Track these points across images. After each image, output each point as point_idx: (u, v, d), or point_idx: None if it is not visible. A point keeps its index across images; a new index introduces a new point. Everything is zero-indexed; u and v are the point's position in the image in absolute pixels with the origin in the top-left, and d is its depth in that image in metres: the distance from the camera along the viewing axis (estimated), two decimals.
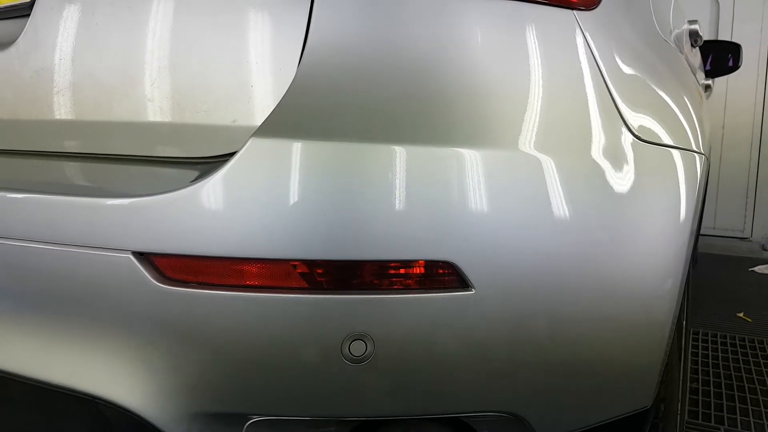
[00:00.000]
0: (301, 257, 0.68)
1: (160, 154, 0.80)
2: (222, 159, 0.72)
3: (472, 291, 0.71)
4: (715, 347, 2.33)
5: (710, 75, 2.73)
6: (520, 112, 0.75)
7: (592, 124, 0.78)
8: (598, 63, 0.80)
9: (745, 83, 4.45)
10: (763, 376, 2.07)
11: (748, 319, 2.68)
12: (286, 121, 0.71)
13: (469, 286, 0.71)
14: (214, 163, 0.72)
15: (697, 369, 2.12)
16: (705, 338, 2.42)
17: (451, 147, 0.71)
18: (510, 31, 0.76)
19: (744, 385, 1.99)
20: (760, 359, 2.22)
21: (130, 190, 0.73)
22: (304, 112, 0.71)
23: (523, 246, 0.72)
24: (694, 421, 1.76)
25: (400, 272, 0.70)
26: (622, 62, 0.85)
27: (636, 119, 0.83)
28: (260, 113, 0.72)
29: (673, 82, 1.06)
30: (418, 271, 0.70)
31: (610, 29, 0.85)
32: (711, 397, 1.91)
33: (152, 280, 0.71)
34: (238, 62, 0.74)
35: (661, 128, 0.89)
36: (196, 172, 0.74)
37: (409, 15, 0.73)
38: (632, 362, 0.85)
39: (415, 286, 0.70)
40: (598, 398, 0.84)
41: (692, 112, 1.11)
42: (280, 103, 0.71)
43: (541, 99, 0.76)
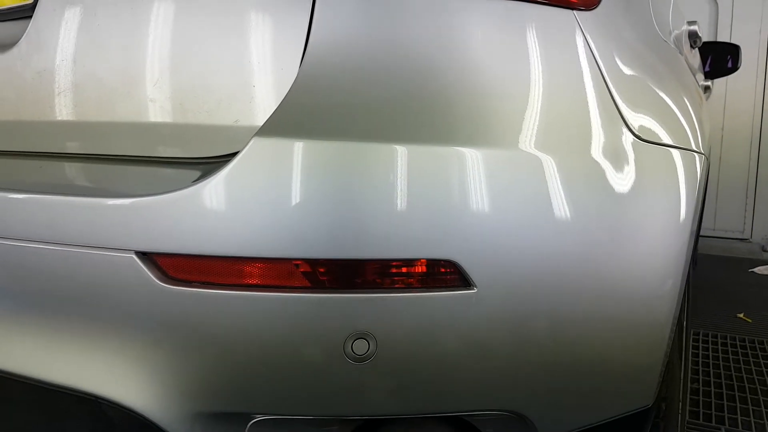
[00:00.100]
0: (304, 256, 0.69)
1: (163, 154, 0.80)
2: (224, 159, 0.72)
3: (473, 290, 0.71)
4: (715, 348, 2.33)
5: (709, 76, 2.74)
6: (521, 112, 0.75)
7: (593, 123, 0.79)
8: (598, 63, 0.80)
9: (744, 84, 4.46)
10: (764, 376, 2.07)
11: (749, 320, 2.68)
12: (288, 121, 0.71)
13: (470, 284, 0.71)
14: (216, 163, 0.72)
15: (698, 369, 2.12)
16: (705, 339, 2.42)
17: (452, 146, 0.72)
18: (511, 31, 0.76)
19: (744, 385, 1.99)
20: (761, 359, 2.22)
21: (132, 191, 0.73)
22: (306, 112, 0.71)
23: (524, 245, 0.72)
24: (695, 422, 1.76)
25: (402, 271, 0.70)
26: (622, 62, 0.85)
27: (636, 119, 0.84)
28: (262, 113, 0.72)
29: (673, 83, 1.06)
30: (420, 269, 0.70)
31: (610, 29, 0.85)
32: (712, 397, 1.91)
33: (155, 279, 0.71)
34: (239, 62, 0.74)
35: (662, 128, 0.89)
36: (198, 172, 0.74)
37: (410, 15, 0.73)
38: (633, 362, 0.85)
39: (417, 284, 0.71)
40: (600, 397, 0.84)
41: (692, 112, 1.12)
42: (282, 103, 0.71)
43: (541, 99, 0.76)
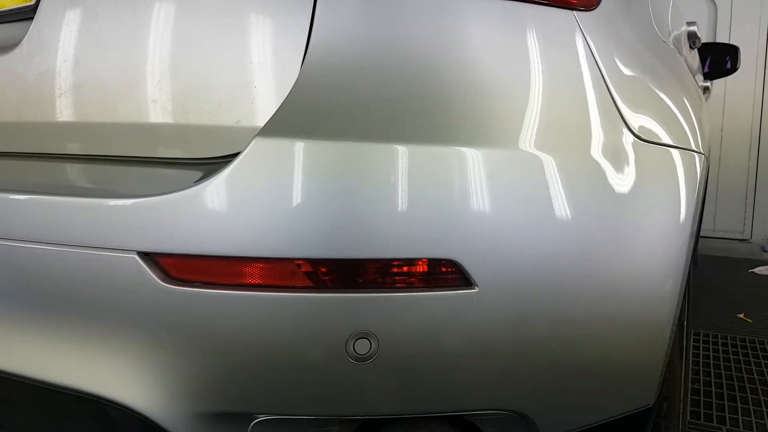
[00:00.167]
0: (306, 256, 0.69)
1: (164, 155, 0.81)
2: (226, 159, 0.72)
3: (475, 289, 0.71)
4: (716, 348, 2.33)
5: (709, 77, 2.75)
6: (522, 112, 0.75)
7: (593, 123, 0.79)
8: (598, 63, 0.80)
9: (743, 85, 4.47)
10: (765, 376, 2.07)
11: (749, 320, 2.68)
12: (290, 121, 0.71)
13: (472, 284, 0.71)
14: (218, 164, 0.72)
15: (699, 370, 2.12)
16: (706, 339, 2.42)
17: (454, 146, 0.72)
18: (511, 31, 0.76)
19: (745, 385, 1.99)
20: (761, 359, 2.22)
21: (134, 191, 0.74)
22: (307, 112, 0.71)
23: (524, 244, 0.73)
24: (696, 422, 1.77)
25: (403, 270, 0.70)
26: (622, 62, 0.85)
27: (636, 119, 0.84)
28: (264, 114, 0.72)
29: (673, 83, 1.07)
30: (421, 269, 0.71)
31: (610, 30, 0.85)
32: (713, 397, 1.91)
33: (157, 279, 0.71)
34: (241, 63, 0.74)
35: (661, 128, 0.90)
36: (200, 172, 0.74)
37: (411, 16, 0.73)
38: (634, 361, 0.85)
39: (418, 284, 0.71)
40: (601, 396, 0.84)
41: (692, 112, 1.12)
42: (283, 103, 0.71)
43: (542, 99, 0.76)
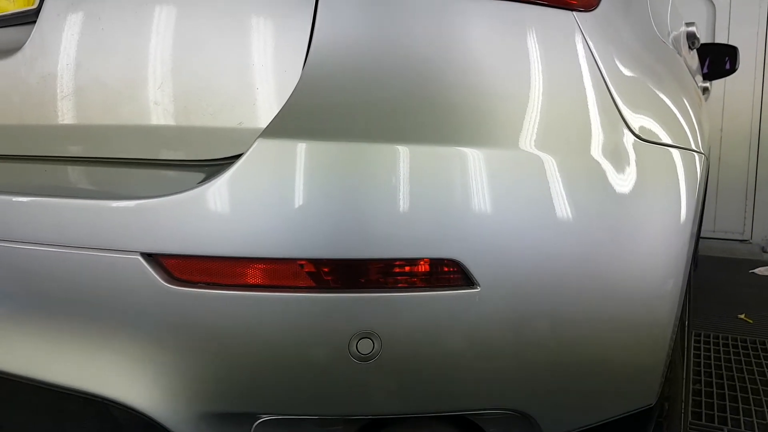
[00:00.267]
0: (308, 257, 0.69)
1: (167, 157, 0.81)
2: (229, 161, 0.73)
3: (477, 289, 0.71)
4: (717, 349, 2.33)
5: (708, 78, 2.75)
6: (523, 112, 0.75)
7: (593, 123, 0.79)
8: (598, 63, 0.81)
9: (742, 86, 4.46)
10: (766, 376, 2.07)
11: (750, 321, 2.68)
12: (292, 123, 0.71)
13: (474, 283, 0.71)
14: (220, 165, 0.73)
15: (700, 370, 2.12)
16: (707, 340, 2.42)
17: (455, 146, 0.72)
18: (511, 32, 0.76)
19: (747, 385, 1.99)
20: (762, 360, 2.22)
21: (137, 193, 0.74)
22: (309, 113, 0.72)
23: (526, 244, 0.73)
24: (698, 422, 1.76)
25: (405, 270, 0.71)
26: (622, 62, 0.86)
27: (636, 119, 0.84)
28: (266, 115, 0.73)
29: (672, 83, 1.07)
30: (423, 269, 0.71)
31: (609, 30, 0.86)
32: (714, 398, 1.91)
33: (161, 280, 0.71)
34: (243, 65, 0.75)
35: (661, 128, 0.90)
36: (203, 174, 0.74)
37: (412, 17, 0.73)
38: (636, 361, 0.85)
39: (420, 284, 0.71)
40: (603, 396, 0.84)
41: (691, 112, 1.12)
42: (285, 104, 0.72)
43: (542, 99, 0.77)
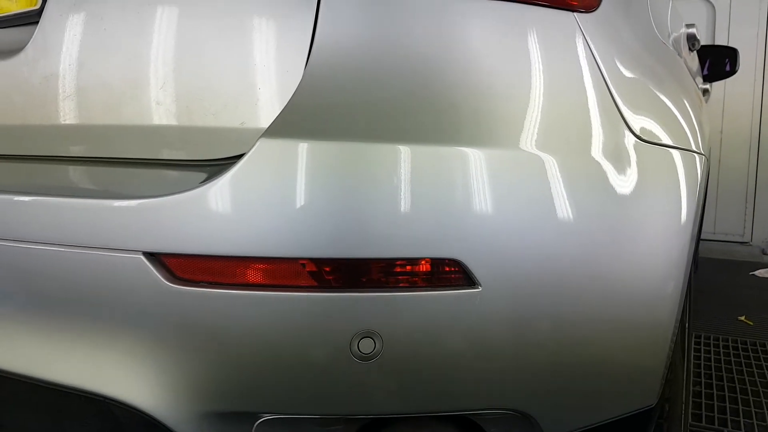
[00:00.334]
0: (310, 256, 0.69)
1: (169, 157, 0.81)
2: (231, 161, 0.73)
3: (478, 288, 0.72)
4: (717, 350, 2.34)
5: (708, 79, 2.75)
6: (524, 113, 0.76)
7: (594, 124, 0.79)
8: (599, 64, 0.81)
9: (742, 88, 4.46)
10: (766, 378, 2.07)
11: (750, 323, 2.68)
12: (294, 122, 0.72)
13: (475, 283, 0.72)
14: (222, 165, 0.73)
15: (700, 372, 2.12)
16: (707, 341, 2.42)
17: (457, 146, 0.72)
18: (513, 33, 0.77)
19: (747, 387, 1.99)
20: (762, 362, 2.22)
21: (140, 192, 0.74)
22: (311, 113, 0.72)
23: (527, 244, 0.73)
24: (698, 424, 1.77)
25: (407, 270, 0.71)
26: (622, 63, 0.86)
27: (637, 119, 0.84)
28: (268, 115, 0.73)
29: (673, 84, 1.07)
30: (424, 268, 0.71)
31: (610, 31, 0.86)
32: (714, 399, 1.91)
33: (163, 280, 0.71)
34: (245, 65, 0.75)
35: (662, 129, 0.90)
36: (205, 174, 0.75)
37: (413, 17, 0.74)
38: (636, 362, 0.85)
39: (422, 283, 0.71)
40: (604, 396, 0.84)
41: (692, 113, 1.12)
42: (287, 104, 0.72)
43: (544, 99, 0.77)
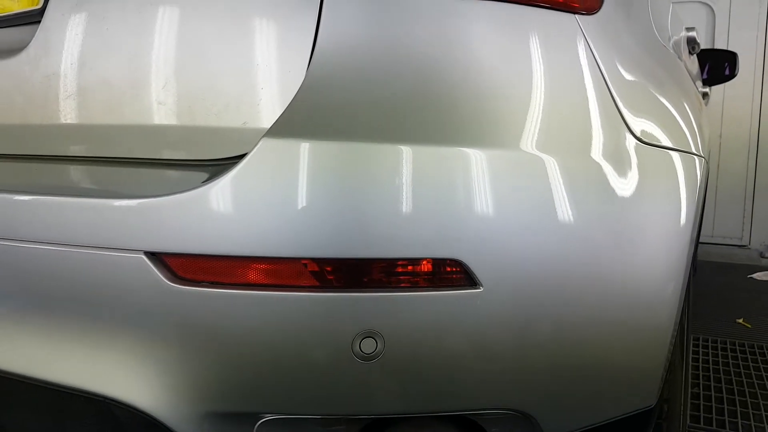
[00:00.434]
0: (312, 256, 0.69)
1: (171, 156, 0.81)
2: (233, 160, 0.73)
3: (480, 289, 0.72)
4: (715, 353, 2.34)
5: (707, 83, 2.76)
6: (526, 114, 0.76)
7: (595, 125, 0.80)
8: (600, 66, 0.81)
9: (741, 91, 4.47)
10: (764, 380, 2.07)
11: (748, 325, 2.68)
12: (296, 122, 0.72)
13: (477, 283, 0.72)
14: (225, 165, 0.73)
15: (698, 374, 2.12)
16: (705, 344, 2.42)
17: (459, 147, 0.72)
18: (515, 34, 0.77)
19: (745, 389, 1.99)
20: (760, 364, 2.23)
21: (141, 192, 0.74)
22: (313, 113, 0.72)
23: (528, 244, 0.73)
24: (696, 426, 1.77)
25: (408, 270, 0.71)
26: (623, 66, 0.86)
27: (637, 122, 0.85)
28: (270, 115, 0.73)
29: (673, 86, 1.08)
30: (426, 268, 0.71)
31: (611, 33, 0.86)
32: (712, 401, 1.92)
33: (164, 279, 0.71)
34: (247, 65, 0.75)
35: (662, 131, 0.90)
36: (207, 173, 0.75)
37: (416, 19, 0.74)
38: (636, 363, 0.85)
39: (423, 283, 0.71)
40: (604, 397, 0.84)
41: (692, 115, 1.13)
42: (290, 104, 0.72)
43: (545, 101, 0.77)
